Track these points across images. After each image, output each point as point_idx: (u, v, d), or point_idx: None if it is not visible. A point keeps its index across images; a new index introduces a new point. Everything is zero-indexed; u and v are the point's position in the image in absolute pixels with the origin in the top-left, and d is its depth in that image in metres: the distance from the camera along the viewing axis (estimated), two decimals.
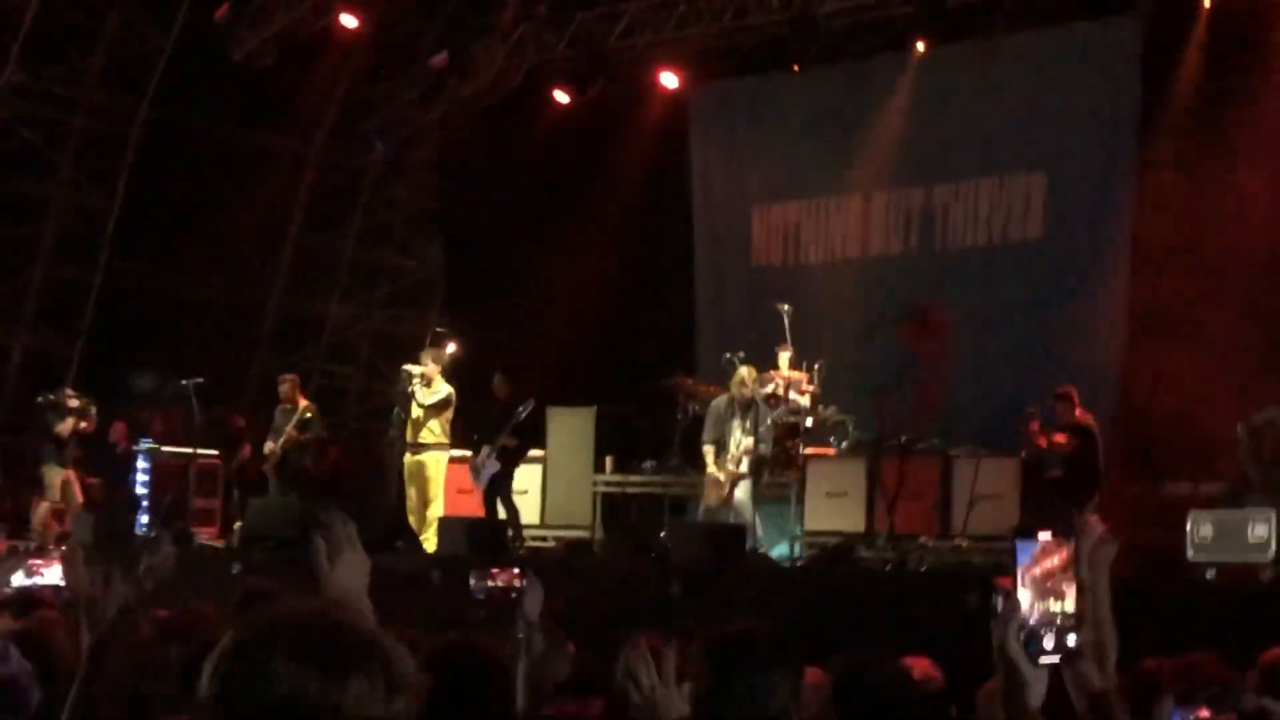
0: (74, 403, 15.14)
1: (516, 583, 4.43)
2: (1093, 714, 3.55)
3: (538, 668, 3.83)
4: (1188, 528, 9.35)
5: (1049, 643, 2.44)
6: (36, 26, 17.27)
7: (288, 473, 14.74)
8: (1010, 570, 2.46)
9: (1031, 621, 2.44)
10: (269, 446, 14.81)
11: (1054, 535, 2.46)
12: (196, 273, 19.07)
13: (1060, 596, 2.45)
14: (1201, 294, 13.39)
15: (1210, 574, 9.00)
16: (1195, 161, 13.94)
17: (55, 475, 14.96)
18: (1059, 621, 2.45)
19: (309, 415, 14.90)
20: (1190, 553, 9.33)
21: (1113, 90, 14.92)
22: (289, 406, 14.91)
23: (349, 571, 2.92)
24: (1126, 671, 4.30)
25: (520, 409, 14.07)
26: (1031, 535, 2.47)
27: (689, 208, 17.94)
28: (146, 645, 5.03)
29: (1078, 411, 12.58)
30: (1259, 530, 8.74)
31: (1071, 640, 2.45)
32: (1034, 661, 2.44)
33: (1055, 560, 2.45)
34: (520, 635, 4.33)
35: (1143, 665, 4.37)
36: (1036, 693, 2.46)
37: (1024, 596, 2.44)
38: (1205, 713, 2.52)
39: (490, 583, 4.62)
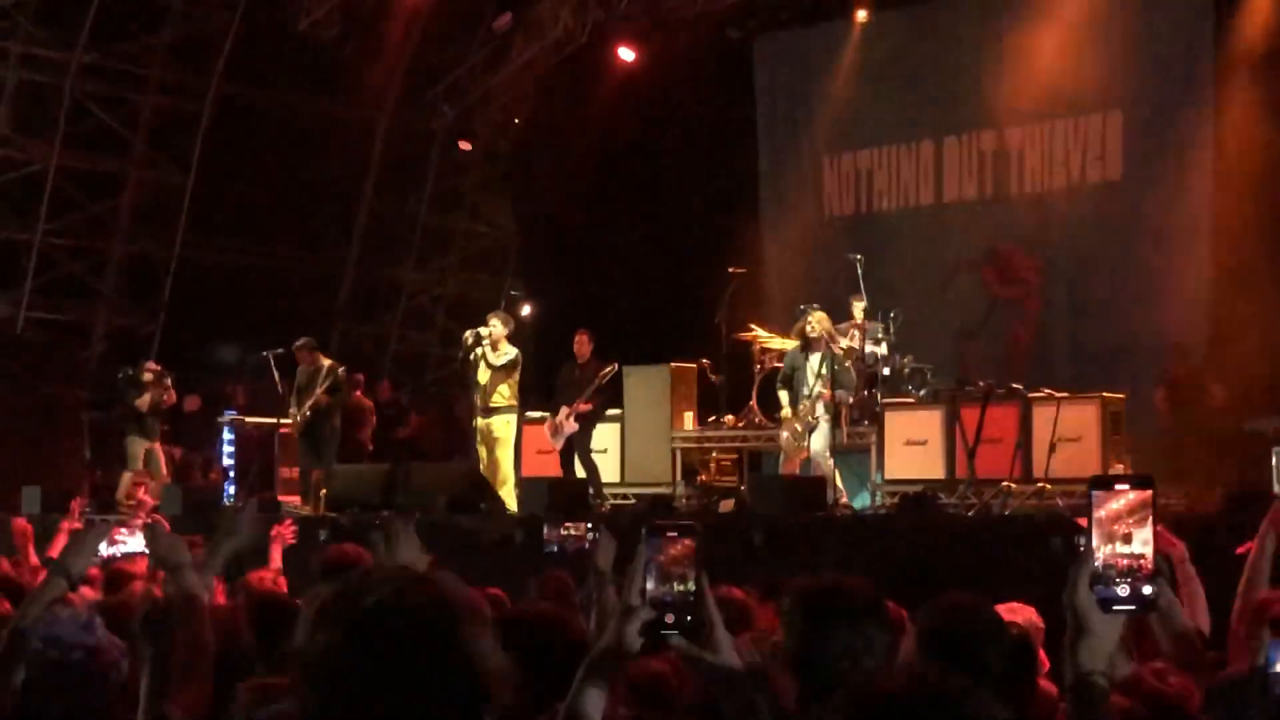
0: (149, 376, 15.29)
1: (588, 536, 4.48)
2: (1179, 655, 3.53)
3: (607, 619, 3.85)
4: (1273, 462, 9.28)
5: (1123, 590, 2.42)
6: (104, 6, 17.44)
7: (315, 434, 14.65)
8: (1086, 520, 2.45)
9: (1101, 567, 2.43)
10: (292, 410, 14.74)
11: (1130, 485, 2.43)
12: (272, 244, 19.24)
13: (1128, 540, 2.42)
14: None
15: None
16: (1273, 94, 13.70)
17: (138, 447, 15.13)
18: (1133, 568, 2.42)
19: (336, 375, 14.66)
20: (1276, 487, 9.24)
21: (1186, 23, 14.69)
22: (309, 368, 14.76)
23: (409, 564, 3.09)
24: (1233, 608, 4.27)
25: (604, 373, 14.14)
26: (1108, 485, 2.46)
27: (756, 161, 17.86)
28: (228, 611, 5.13)
29: None
30: None
31: (1148, 590, 2.42)
32: (1106, 610, 2.43)
33: (1123, 503, 2.43)
34: (591, 587, 4.37)
35: (1258, 599, 4.31)
36: (1105, 645, 2.44)
37: (1094, 541, 2.43)
38: None
39: (563, 534, 4.68)
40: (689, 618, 2.72)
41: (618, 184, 18.21)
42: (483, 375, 13.92)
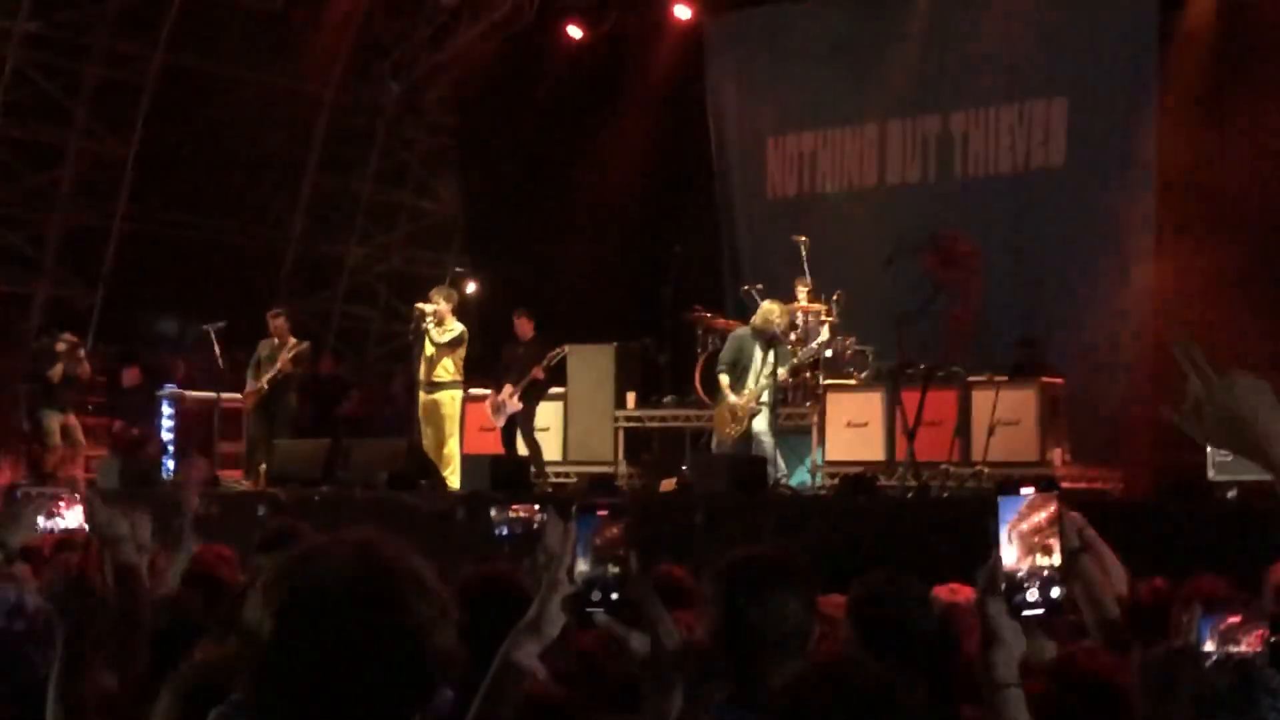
0: (62, 346, 15.16)
1: (536, 518, 4.49)
2: (1105, 636, 3.58)
3: None
4: (1209, 448, 9.40)
5: (1033, 595, 2.46)
6: None
7: (272, 408, 14.62)
8: (993, 526, 2.49)
9: (1012, 573, 2.46)
10: (251, 379, 14.74)
11: (1038, 490, 2.48)
12: (215, 217, 19.10)
13: (1048, 551, 2.47)
14: (1224, 218, 13.29)
15: (1231, 493, 9.06)
16: (1213, 85, 13.82)
17: (52, 420, 15.04)
18: (1045, 574, 2.46)
19: (302, 351, 14.74)
20: (1211, 472, 9.39)
21: (1131, 10, 14.79)
22: (277, 341, 14.77)
23: None
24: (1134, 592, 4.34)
25: (551, 357, 14.19)
26: (1014, 491, 2.49)
27: (708, 142, 17.87)
28: (177, 592, 5.11)
29: None
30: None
31: (1056, 593, 2.47)
32: (1016, 614, 2.47)
33: (1043, 515, 2.47)
34: (539, 568, 4.38)
35: (1152, 585, 4.38)
36: (1016, 651, 2.49)
37: (1010, 552, 2.47)
38: (1236, 619, 2.54)
39: (511, 517, 4.68)
40: (617, 596, 2.75)
41: (565, 162, 18.17)
42: (428, 350, 13.92)
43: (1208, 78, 13.95)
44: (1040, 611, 2.48)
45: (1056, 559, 2.46)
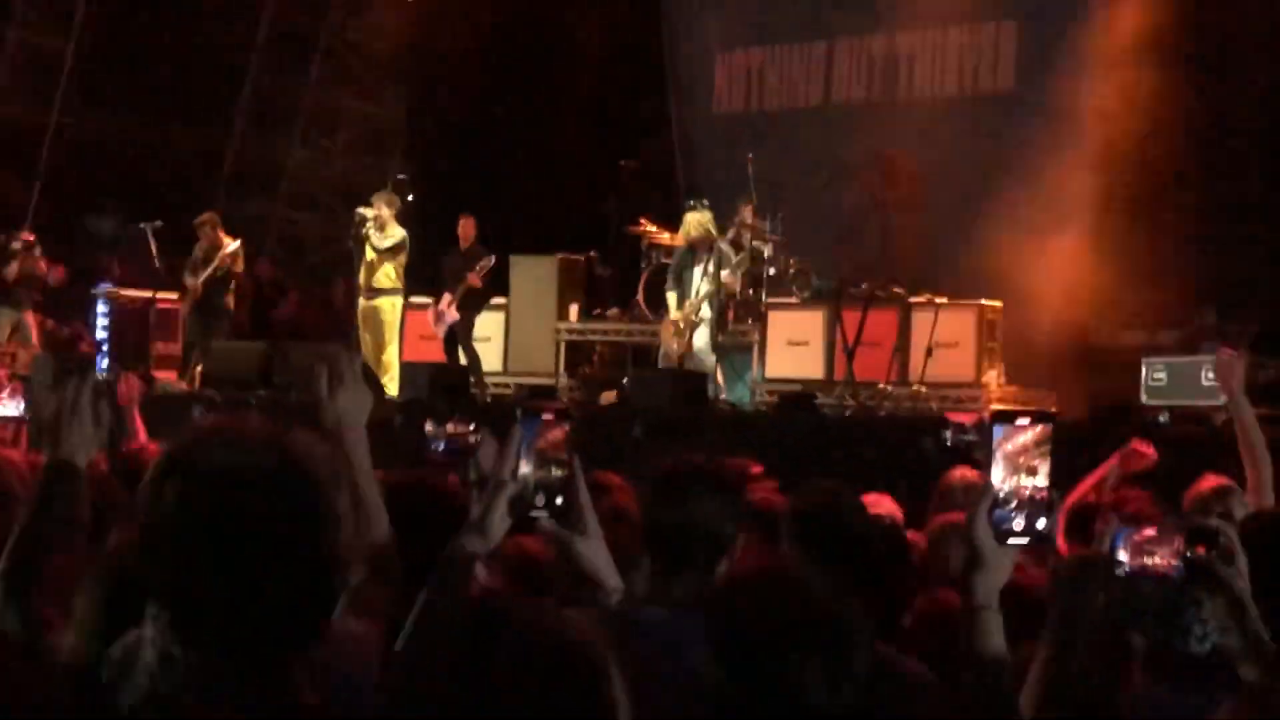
0: (18, 245, 14.98)
1: (471, 438, 4.48)
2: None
3: None
4: (1142, 373, 9.54)
5: (1018, 524, 2.48)
6: None
7: (208, 309, 14.57)
8: (987, 454, 2.51)
9: (1002, 497, 2.49)
10: (188, 281, 14.65)
11: (1031, 419, 2.50)
12: (154, 116, 18.79)
13: (1033, 473, 2.49)
14: (1157, 157, 13.34)
15: (1163, 417, 9.19)
16: (1158, 17, 13.79)
17: (5, 318, 14.89)
18: (1031, 500, 2.49)
19: (237, 249, 14.64)
20: (1144, 397, 9.51)
21: None
22: (208, 244, 14.64)
23: (350, 403, 3.05)
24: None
25: (481, 266, 14.07)
26: (1010, 420, 2.52)
27: (661, 55, 17.74)
28: (102, 479, 5.08)
29: None
30: (1211, 375, 8.87)
31: (1041, 524, 2.49)
32: (1002, 541, 2.49)
33: (1029, 436, 2.50)
34: (473, 482, 4.39)
35: (1081, 500, 4.45)
36: (999, 577, 2.52)
37: (997, 475, 2.50)
38: (1151, 530, 2.57)
39: (447, 433, 4.67)
40: (559, 500, 2.76)
41: (514, 70, 18.00)
42: (368, 255, 13.83)
43: (1155, 16, 13.91)
44: (1025, 540, 2.50)
45: (1040, 479, 2.49)
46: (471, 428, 4.52)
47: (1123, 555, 2.56)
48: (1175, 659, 3.06)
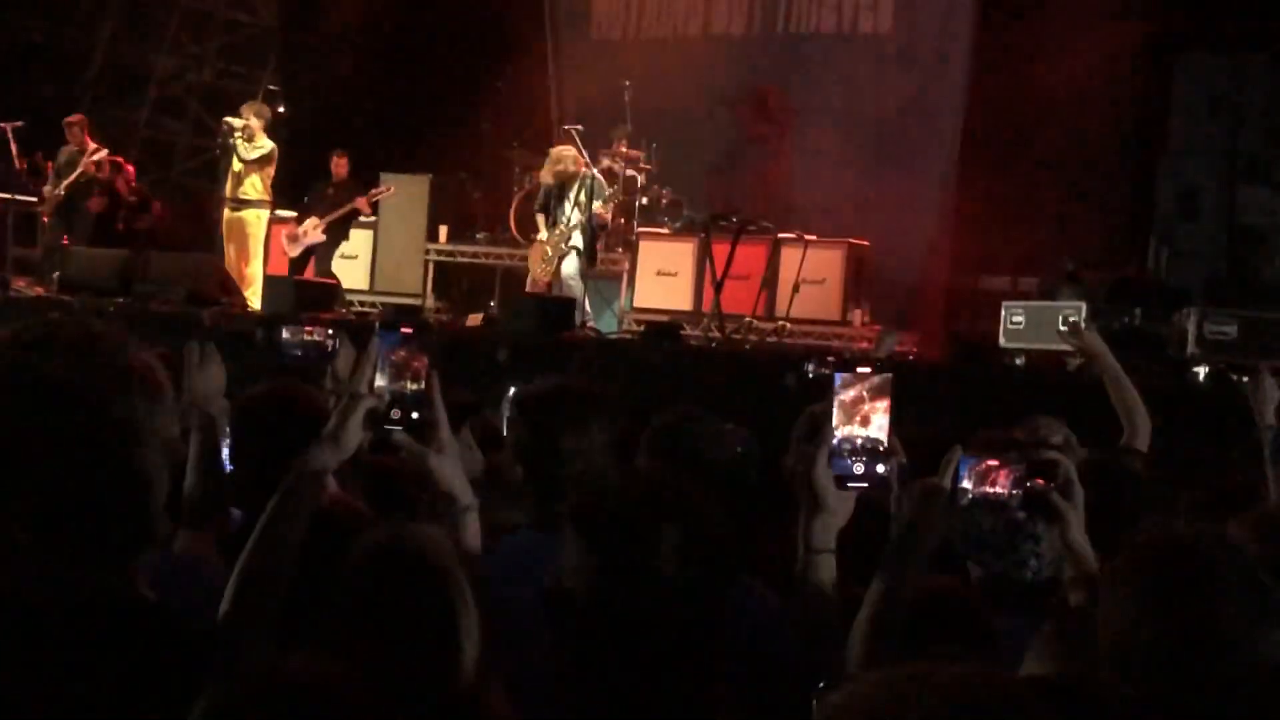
0: None
1: (329, 342, 4.45)
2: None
3: None
4: (1001, 316, 9.75)
5: (858, 468, 2.55)
6: None
7: (70, 215, 14.28)
8: (827, 400, 2.57)
9: (838, 444, 2.56)
10: (48, 189, 14.41)
11: (872, 370, 2.56)
12: (19, 15, 18.24)
13: (866, 422, 2.55)
14: (1028, 111, 13.52)
15: (1019, 360, 9.41)
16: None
17: None
18: (867, 448, 2.55)
19: (103, 157, 14.46)
20: (1002, 340, 9.72)
21: None
22: (76, 149, 14.43)
23: (209, 377, 3.43)
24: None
25: (375, 192, 14.02)
26: (850, 368, 2.58)
27: None
28: None
29: None
30: (1070, 320, 9.08)
31: (881, 468, 2.56)
32: (841, 486, 2.56)
33: (864, 387, 2.56)
34: (329, 391, 4.36)
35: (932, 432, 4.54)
36: (836, 522, 2.58)
37: (835, 421, 2.56)
38: (993, 460, 2.64)
39: (304, 340, 4.63)
40: (415, 415, 2.76)
41: None
42: (235, 166, 13.62)
43: None
44: (864, 485, 2.57)
45: (874, 431, 2.55)
46: (329, 333, 4.49)
47: (966, 484, 2.63)
48: (1010, 587, 3.17)
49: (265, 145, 13.67)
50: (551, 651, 2.33)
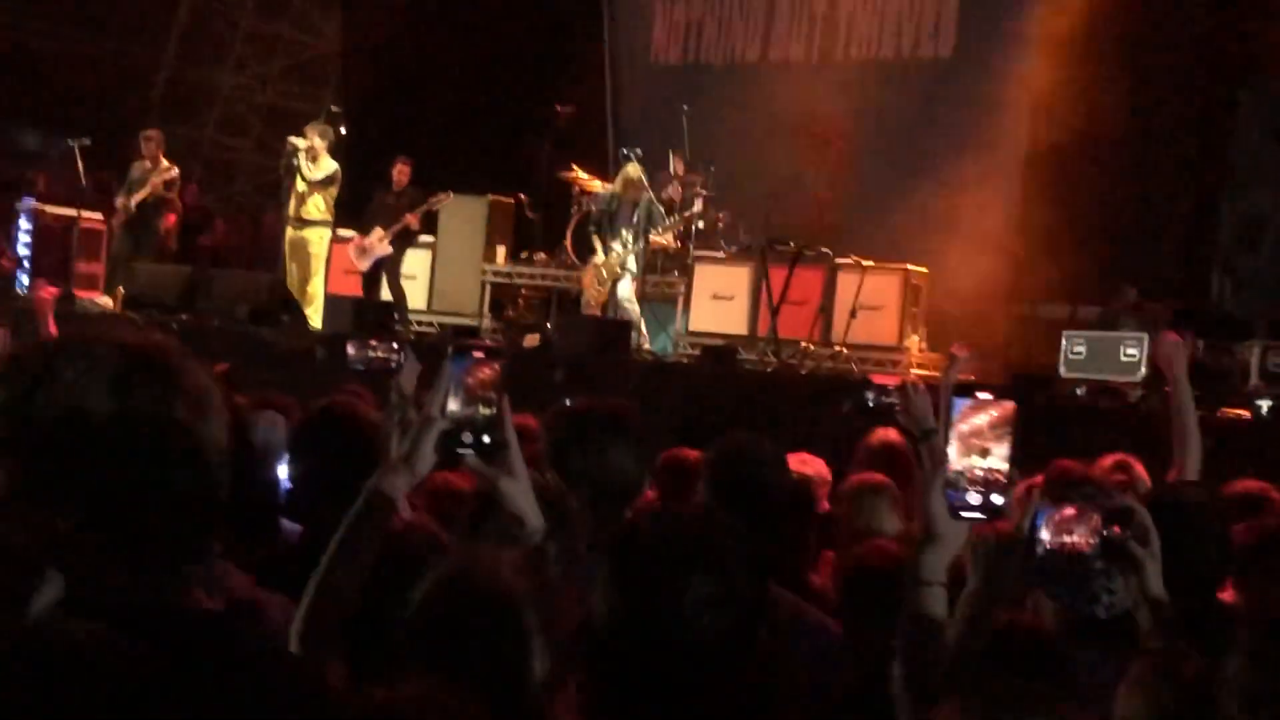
0: None
1: (394, 357, 4.48)
2: None
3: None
4: (1062, 346, 9.68)
5: (974, 498, 2.50)
6: None
7: (139, 231, 14.44)
8: (944, 427, 2.55)
9: (954, 474, 2.51)
10: (120, 201, 14.54)
11: (994, 395, 2.51)
12: (87, 33, 18.49)
13: (985, 453, 2.50)
14: (1088, 137, 13.44)
15: (1080, 390, 9.34)
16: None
17: None
18: (985, 478, 2.50)
19: (174, 176, 14.60)
20: (1063, 370, 9.65)
21: None
22: (149, 164, 14.60)
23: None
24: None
25: (433, 201, 14.08)
26: (969, 393, 2.53)
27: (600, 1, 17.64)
28: None
29: None
30: (1130, 351, 9.02)
31: (998, 500, 2.50)
32: (954, 515, 2.51)
33: (985, 417, 2.50)
34: (394, 408, 4.39)
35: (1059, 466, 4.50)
36: (949, 551, 2.53)
37: (952, 451, 2.51)
38: (1070, 510, 2.63)
39: (368, 354, 4.67)
40: (487, 438, 2.77)
41: (452, 8, 17.83)
42: (299, 186, 13.74)
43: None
44: (981, 516, 2.51)
45: (996, 462, 2.49)
46: (394, 348, 4.53)
47: (1044, 534, 2.61)
48: (1083, 622, 3.16)
49: (330, 166, 13.80)
50: (583, 684, 2.33)
